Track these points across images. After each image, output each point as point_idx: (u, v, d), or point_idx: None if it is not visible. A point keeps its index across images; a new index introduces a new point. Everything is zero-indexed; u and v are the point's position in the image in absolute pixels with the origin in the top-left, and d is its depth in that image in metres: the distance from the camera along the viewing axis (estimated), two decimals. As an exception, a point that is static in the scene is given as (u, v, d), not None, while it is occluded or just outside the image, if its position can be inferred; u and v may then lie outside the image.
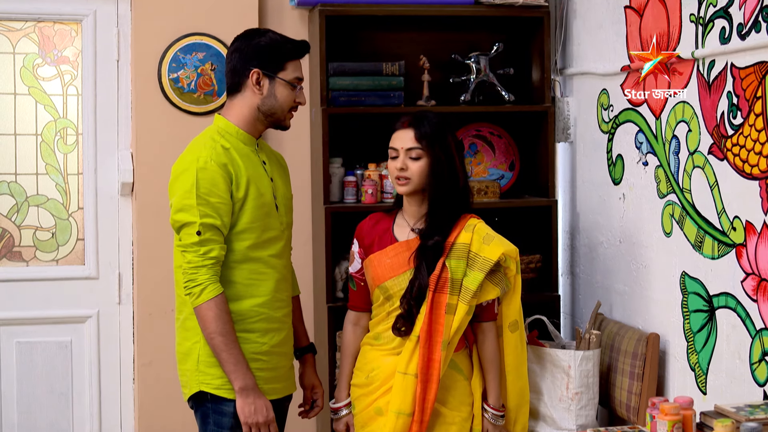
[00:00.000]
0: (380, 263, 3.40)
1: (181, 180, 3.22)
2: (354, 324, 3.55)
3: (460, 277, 3.31)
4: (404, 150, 3.37)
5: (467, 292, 3.31)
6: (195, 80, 4.50)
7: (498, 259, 3.33)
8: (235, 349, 3.19)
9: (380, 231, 3.46)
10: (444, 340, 3.28)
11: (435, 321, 3.30)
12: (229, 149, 3.26)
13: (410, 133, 3.37)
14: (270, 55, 3.29)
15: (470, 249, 3.34)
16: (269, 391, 3.32)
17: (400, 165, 3.36)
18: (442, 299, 3.30)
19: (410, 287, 3.33)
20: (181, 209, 3.19)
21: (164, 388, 4.51)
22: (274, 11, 4.62)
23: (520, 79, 4.70)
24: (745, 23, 3.18)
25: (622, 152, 4.05)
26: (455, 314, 3.31)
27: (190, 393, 3.31)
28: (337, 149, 4.50)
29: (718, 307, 3.39)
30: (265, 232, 3.30)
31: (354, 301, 3.55)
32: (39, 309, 4.57)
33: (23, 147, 4.56)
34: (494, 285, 3.37)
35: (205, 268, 3.15)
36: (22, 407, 4.55)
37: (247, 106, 3.30)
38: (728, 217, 3.31)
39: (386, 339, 3.41)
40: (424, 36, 4.70)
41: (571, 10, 4.53)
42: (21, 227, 4.57)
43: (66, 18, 4.54)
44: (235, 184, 3.22)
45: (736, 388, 3.29)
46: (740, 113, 3.22)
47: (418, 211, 3.42)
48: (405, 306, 3.33)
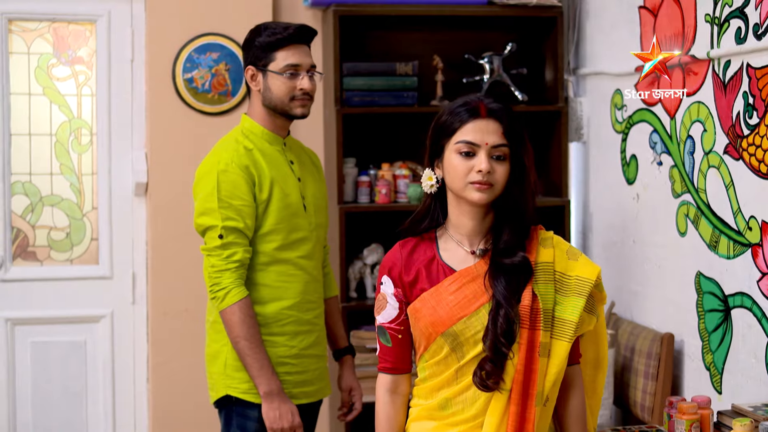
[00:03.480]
0: (440, 303, 2.48)
1: (202, 183, 3.20)
2: (392, 392, 2.60)
3: (550, 307, 2.48)
4: (489, 147, 2.47)
5: (566, 326, 2.48)
6: (209, 80, 4.51)
7: (596, 280, 2.54)
8: (260, 353, 3.15)
9: (423, 261, 2.54)
10: (538, 392, 2.44)
11: (529, 368, 2.45)
12: (252, 150, 3.23)
13: (495, 125, 2.48)
14: (257, 49, 3.25)
15: (555, 269, 2.53)
16: (299, 396, 3.28)
17: (485, 166, 2.45)
18: (536, 337, 2.45)
19: (494, 324, 2.43)
20: (203, 213, 3.17)
21: (178, 388, 4.52)
22: (287, 11, 4.63)
23: (534, 79, 4.71)
24: (762, 23, 3.18)
25: (636, 152, 4.05)
26: (550, 357, 2.47)
27: (216, 396, 3.28)
28: (350, 149, 4.51)
29: (734, 306, 3.39)
30: (291, 233, 3.26)
31: (388, 361, 2.59)
32: (53, 309, 4.58)
33: (38, 147, 4.57)
34: (589, 313, 2.54)
35: (228, 272, 3.13)
36: (37, 406, 4.57)
37: (258, 104, 3.29)
38: (744, 217, 3.31)
39: (460, 405, 2.49)
40: (437, 36, 4.71)
41: (584, 11, 4.53)
42: (35, 227, 4.58)
43: (80, 18, 4.56)
44: (257, 186, 3.19)
45: (752, 388, 3.29)
46: (756, 113, 3.22)
47: (479, 226, 2.54)
48: (492, 349, 2.42)
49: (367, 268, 4.55)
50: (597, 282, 2.52)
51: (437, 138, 2.52)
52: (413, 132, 4.69)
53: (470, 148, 2.46)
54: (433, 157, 2.54)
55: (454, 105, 2.52)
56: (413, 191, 4.44)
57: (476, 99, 2.50)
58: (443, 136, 2.51)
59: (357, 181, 4.49)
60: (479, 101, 2.49)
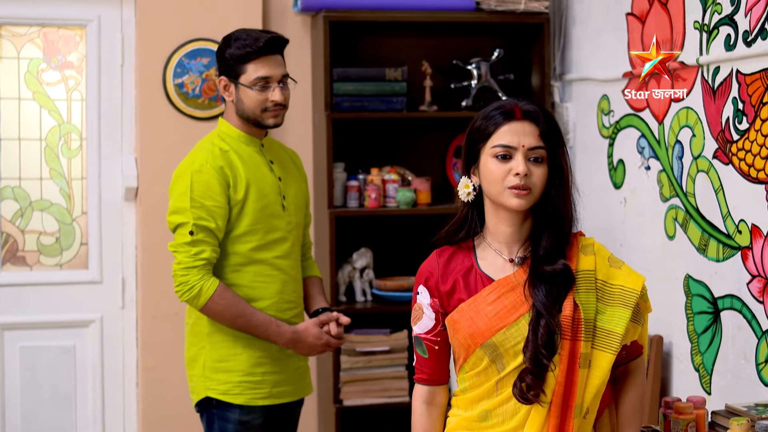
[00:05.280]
0: (478, 314, 2.41)
1: (177, 183, 3.25)
2: (428, 403, 2.54)
3: (592, 316, 2.40)
4: (525, 149, 2.41)
5: (611, 337, 2.40)
6: (200, 85, 4.53)
7: (642, 290, 2.48)
8: (257, 319, 3.22)
9: (460, 270, 2.48)
10: (577, 404, 2.37)
11: (570, 380, 2.37)
12: (228, 151, 3.27)
13: (531, 127, 2.42)
14: (229, 61, 3.27)
15: (596, 276, 2.45)
16: (280, 395, 3.33)
17: (522, 168, 2.39)
18: (577, 348, 2.37)
19: (534, 334, 2.36)
20: (175, 211, 3.22)
21: (167, 392, 4.53)
22: (277, 17, 4.65)
23: (521, 84, 4.76)
24: (751, 30, 3.23)
25: (624, 157, 4.10)
26: (591, 368, 2.39)
27: (197, 399, 3.32)
28: (339, 154, 4.54)
29: (723, 309, 3.44)
30: (268, 234, 3.29)
31: (425, 372, 2.55)
32: (43, 313, 4.58)
33: (27, 152, 4.58)
34: (635, 323, 2.47)
35: (196, 269, 3.16)
36: (26, 411, 4.56)
37: (232, 111, 3.33)
38: (734, 221, 3.36)
39: (500, 417, 2.43)
40: (425, 41, 4.75)
41: (571, 17, 4.58)
42: (25, 232, 4.58)
43: (70, 23, 4.57)
44: (232, 187, 3.22)
45: (742, 389, 3.33)
46: (746, 118, 3.27)
47: (518, 233, 2.47)
48: (532, 360, 2.35)
49: (357, 272, 4.58)
50: (642, 292, 2.47)
51: (472, 143, 2.46)
52: (402, 137, 4.75)
53: (506, 151, 2.40)
54: (469, 164, 2.49)
55: (489, 109, 2.46)
56: (402, 196, 4.48)
57: (511, 102, 2.45)
58: (478, 141, 2.45)
59: (346, 185, 4.52)
60: (514, 104, 2.44)
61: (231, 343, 3.26)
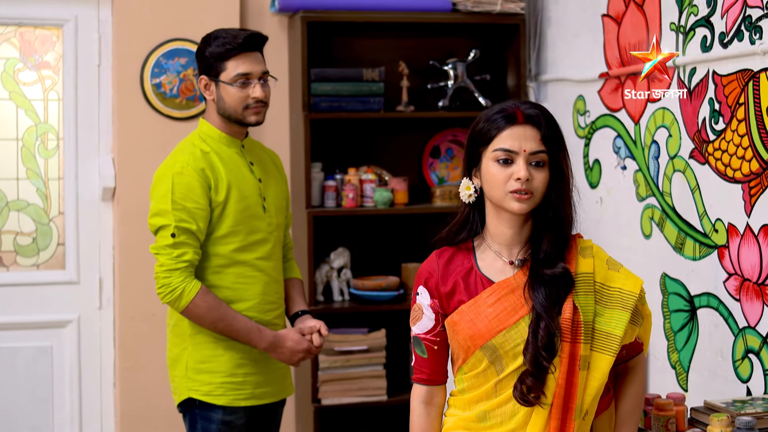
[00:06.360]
0: (478, 316, 2.42)
1: (158, 185, 3.24)
2: (427, 403, 2.55)
3: (590, 319, 2.42)
4: (527, 154, 2.41)
5: (610, 340, 2.42)
6: (177, 85, 4.53)
7: (640, 293, 2.52)
8: (238, 323, 3.22)
9: (461, 272, 2.49)
10: (577, 406, 2.39)
11: (570, 382, 2.39)
12: (209, 153, 3.27)
13: (533, 131, 2.42)
14: (208, 59, 3.28)
15: (595, 279, 2.47)
16: (261, 396, 3.34)
17: (523, 173, 2.39)
18: (576, 351, 2.39)
19: (534, 337, 2.38)
20: (156, 213, 3.21)
21: (145, 393, 4.52)
22: (254, 17, 4.66)
23: (497, 85, 4.79)
24: (728, 32, 3.28)
25: (600, 157, 4.14)
26: (591, 370, 2.41)
27: (179, 399, 3.33)
28: (316, 154, 4.56)
29: (700, 306, 3.48)
30: (250, 235, 3.30)
31: (424, 372, 2.55)
32: (19, 314, 4.56)
33: (4, 152, 4.55)
34: (633, 325, 2.50)
35: (178, 271, 3.16)
36: (3, 413, 4.54)
37: (213, 111, 3.33)
38: (710, 220, 3.40)
39: (499, 418, 2.44)
40: (402, 42, 4.78)
41: (546, 18, 4.62)
42: (1, 232, 4.56)
43: (47, 23, 4.55)
44: (214, 189, 3.23)
45: (718, 385, 3.38)
46: (722, 119, 3.32)
47: (518, 236, 2.48)
48: (532, 362, 2.37)
49: (334, 271, 4.59)
50: (641, 295, 2.49)
51: (474, 146, 2.47)
52: (379, 137, 4.77)
53: (508, 155, 2.40)
54: (470, 166, 2.49)
55: (491, 112, 2.46)
56: (379, 195, 4.50)
57: (513, 105, 2.45)
58: (480, 144, 2.45)
59: (324, 185, 4.53)
60: (516, 107, 2.44)
61: (213, 344, 3.27)
